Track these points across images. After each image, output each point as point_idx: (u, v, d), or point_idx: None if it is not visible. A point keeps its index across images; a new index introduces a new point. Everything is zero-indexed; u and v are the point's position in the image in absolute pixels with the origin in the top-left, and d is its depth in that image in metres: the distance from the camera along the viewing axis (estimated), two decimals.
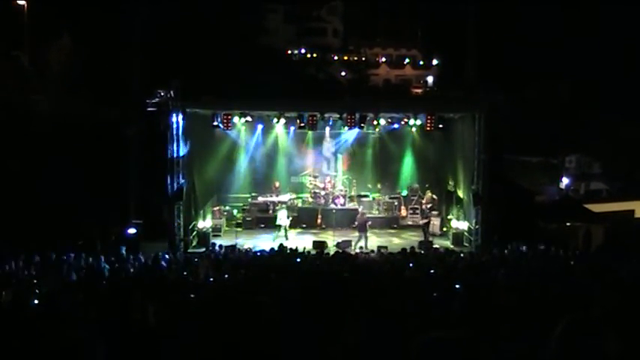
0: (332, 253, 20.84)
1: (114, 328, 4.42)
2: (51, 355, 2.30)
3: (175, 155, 23.05)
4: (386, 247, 22.24)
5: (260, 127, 27.75)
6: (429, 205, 27.29)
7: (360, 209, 26.31)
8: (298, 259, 18.44)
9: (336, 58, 58.02)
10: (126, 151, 26.16)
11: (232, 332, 3.41)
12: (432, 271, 14.69)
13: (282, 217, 25.21)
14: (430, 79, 58.88)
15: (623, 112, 36.34)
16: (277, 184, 28.22)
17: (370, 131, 28.20)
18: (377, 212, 27.96)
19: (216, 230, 25.63)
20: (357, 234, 24.50)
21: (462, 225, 25.02)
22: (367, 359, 2.98)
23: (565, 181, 42.08)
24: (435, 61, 59.72)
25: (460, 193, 25.74)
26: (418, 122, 25.66)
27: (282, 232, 24.83)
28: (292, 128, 27.21)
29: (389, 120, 26.43)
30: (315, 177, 28.56)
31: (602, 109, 37.80)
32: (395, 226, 27.38)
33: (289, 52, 54.76)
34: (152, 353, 3.08)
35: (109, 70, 29.32)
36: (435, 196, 27.70)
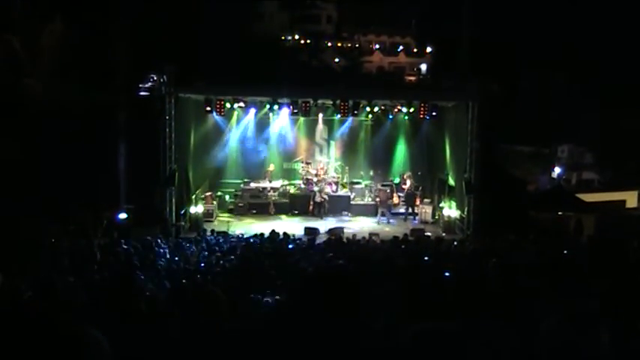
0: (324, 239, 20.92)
1: (108, 316, 4.43)
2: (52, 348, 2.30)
3: (167, 140, 23.01)
4: (377, 234, 22.30)
5: (253, 113, 27.76)
6: (408, 192, 27.57)
7: (382, 187, 27.23)
8: (290, 246, 18.49)
9: (329, 44, 57.91)
10: (118, 136, 26.09)
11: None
12: (425, 258, 14.73)
13: (318, 195, 26.43)
14: (424, 67, 58.85)
15: (617, 102, 36.40)
16: (272, 166, 28.29)
17: (363, 118, 28.26)
18: (369, 199, 28.03)
19: (208, 216, 25.64)
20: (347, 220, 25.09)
21: (454, 213, 25.09)
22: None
23: (557, 170, 42.19)
24: (428, 49, 59.65)
25: (452, 181, 25.80)
26: (411, 110, 25.71)
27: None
28: (285, 115, 27.24)
29: (382, 107, 26.47)
30: (307, 163, 28.57)
31: (595, 99, 37.85)
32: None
33: (283, 38, 54.61)
34: (146, 340, 3.07)
35: (101, 55, 29.16)
36: (413, 182, 27.85)
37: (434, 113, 24.50)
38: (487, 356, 2.30)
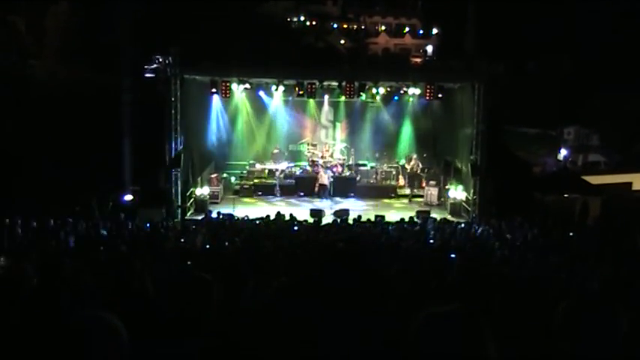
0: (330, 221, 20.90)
1: (113, 297, 4.42)
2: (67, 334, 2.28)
3: (173, 122, 23.00)
4: (383, 217, 22.28)
5: (259, 94, 27.71)
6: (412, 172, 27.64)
7: (412, 158, 27.66)
8: (295, 227, 18.51)
9: (335, 26, 57.75)
10: (123, 118, 26.09)
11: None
12: (431, 241, 14.74)
13: (323, 177, 26.48)
14: (430, 49, 58.65)
15: (623, 84, 36.23)
16: (276, 150, 28.26)
17: (369, 100, 28.15)
18: (374, 181, 28.01)
19: (214, 197, 25.65)
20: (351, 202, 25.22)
21: (460, 195, 25.06)
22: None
23: (563, 152, 42.14)
24: (434, 31, 59.45)
25: (458, 164, 25.75)
26: (417, 92, 25.62)
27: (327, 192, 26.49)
28: (291, 96, 27.21)
29: (388, 89, 26.38)
30: (313, 145, 28.53)
31: (602, 81, 37.68)
32: (392, 195, 27.41)
33: (288, 19, 54.42)
34: (152, 323, 3.05)
35: (106, 36, 29.12)
36: (419, 163, 27.76)
37: (440, 95, 24.39)
38: (497, 338, 2.28)
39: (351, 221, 20.66)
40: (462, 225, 20.35)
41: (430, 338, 2.27)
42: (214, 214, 21.87)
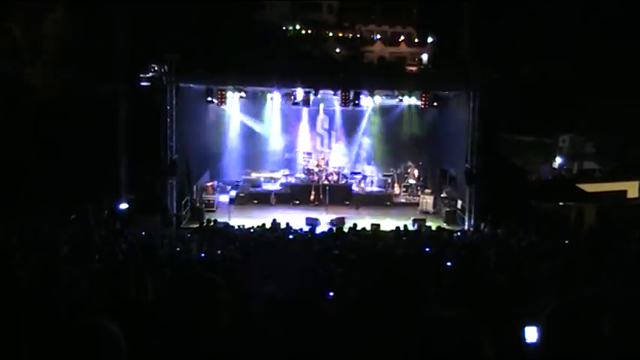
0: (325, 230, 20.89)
1: (111, 305, 4.43)
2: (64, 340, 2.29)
3: (169, 130, 22.99)
4: (378, 225, 22.28)
5: (254, 102, 27.73)
6: (412, 182, 27.63)
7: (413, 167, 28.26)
8: (291, 236, 18.49)
9: (330, 34, 57.80)
10: (118, 126, 26.05)
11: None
12: (427, 249, 14.73)
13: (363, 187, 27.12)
14: (425, 57, 58.68)
15: (618, 91, 36.29)
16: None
17: (364, 108, 28.16)
18: (370, 189, 28.02)
19: (209, 206, 25.62)
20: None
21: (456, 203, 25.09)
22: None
23: (558, 160, 42.12)
24: (430, 39, 59.49)
25: (454, 172, 25.77)
26: (413, 100, 25.64)
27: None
28: (286, 104, 27.22)
29: (383, 97, 26.41)
30: (308, 153, 28.52)
31: (597, 88, 37.73)
32: (388, 203, 27.40)
33: (284, 28, 54.45)
34: (152, 330, 3.05)
35: (103, 44, 29.09)
36: (416, 172, 27.87)
37: (435, 103, 24.45)
38: (494, 344, 2.30)
39: (346, 229, 20.63)
40: (458, 233, 20.36)
41: (429, 344, 2.28)
42: (210, 223, 21.86)
